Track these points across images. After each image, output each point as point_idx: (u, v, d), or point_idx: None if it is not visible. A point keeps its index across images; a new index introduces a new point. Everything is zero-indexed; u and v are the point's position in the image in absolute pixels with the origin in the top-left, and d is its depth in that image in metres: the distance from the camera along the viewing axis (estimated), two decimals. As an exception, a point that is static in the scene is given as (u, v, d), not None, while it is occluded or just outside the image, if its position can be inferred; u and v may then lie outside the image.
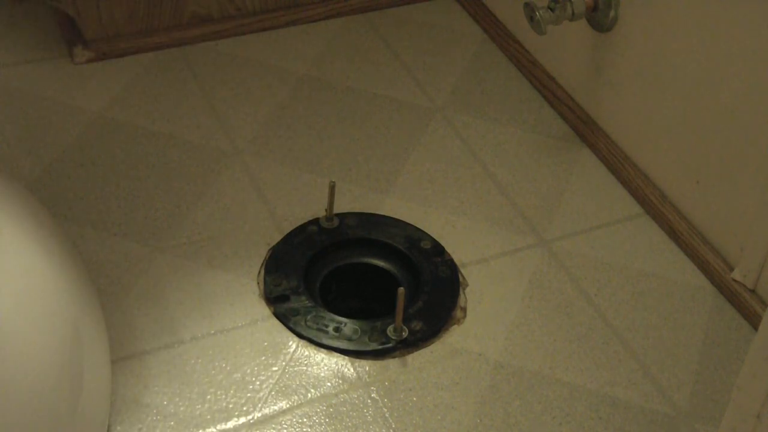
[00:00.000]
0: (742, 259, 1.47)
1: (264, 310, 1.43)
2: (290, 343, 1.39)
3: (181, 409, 1.30)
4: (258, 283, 1.46)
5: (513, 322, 1.44)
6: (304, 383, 1.34)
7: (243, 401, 1.31)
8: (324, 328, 1.40)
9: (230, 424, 1.29)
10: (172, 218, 1.54)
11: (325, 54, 1.89)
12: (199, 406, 1.30)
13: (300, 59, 1.87)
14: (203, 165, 1.64)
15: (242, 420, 1.29)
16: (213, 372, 1.34)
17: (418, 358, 1.38)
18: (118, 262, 1.47)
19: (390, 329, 1.40)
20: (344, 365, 1.37)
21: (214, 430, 1.28)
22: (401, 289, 1.37)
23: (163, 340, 1.37)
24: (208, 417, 1.29)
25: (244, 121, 1.73)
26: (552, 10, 1.62)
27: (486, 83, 1.86)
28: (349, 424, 1.30)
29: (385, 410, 1.32)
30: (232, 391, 1.32)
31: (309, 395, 1.33)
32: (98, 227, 1.52)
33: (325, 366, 1.36)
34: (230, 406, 1.31)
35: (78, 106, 1.73)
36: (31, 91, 1.75)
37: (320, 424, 1.29)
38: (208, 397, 1.31)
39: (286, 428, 1.29)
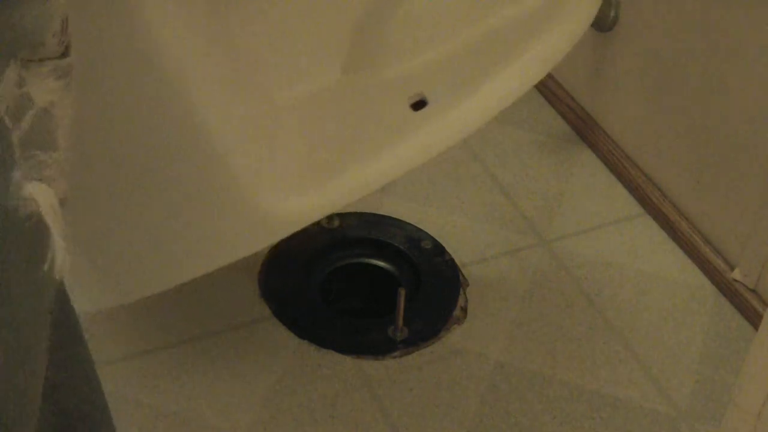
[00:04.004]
0: (742, 259, 1.47)
1: (264, 310, 1.43)
2: (290, 343, 1.39)
3: (182, 409, 1.30)
4: (258, 283, 1.46)
5: (513, 322, 1.44)
6: (304, 383, 1.34)
7: (243, 401, 1.31)
8: (324, 327, 1.40)
9: (231, 424, 1.29)
10: (172, 218, 1.54)
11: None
12: (200, 406, 1.30)
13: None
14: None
15: (243, 420, 1.29)
16: (213, 372, 1.34)
17: (418, 358, 1.38)
18: (118, 262, 1.47)
19: (390, 329, 1.40)
20: (344, 365, 1.37)
21: (214, 430, 1.28)
22: (402, 289, 1.37)
23: (164, 340, 1.37)
24: (209, 417, 1.29)
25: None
26: None
27: (486, 83, 1.85)
28: (350, 424, 1.30)
29: (386, 410, 1.32)
30: (232, 391, 1.32)
31: (309, 395, 1.32)
32: (98, 227, 1.51)
33: (326, 366, 1.36)
34: (231, 405, 1.30)
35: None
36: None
37: (321, 424, 1.29)
38: (209, 396, 1.31)
39: (286, 428, 1.29)
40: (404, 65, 1.16)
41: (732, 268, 1.49)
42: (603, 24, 1.64)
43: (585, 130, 1.74)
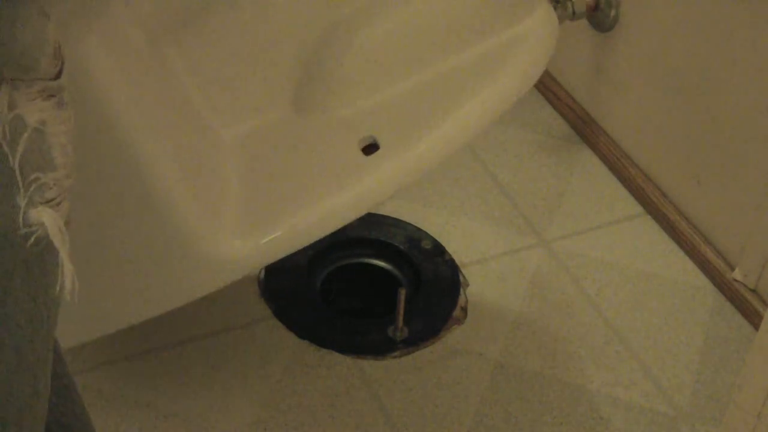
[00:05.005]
0: (742, 259, 1.47)
1: (264, 310, 1.43)
2: (290, 342, 1.39)
3: (182, 409, 1.30)
4: (258, 283, 1.46)
5: (513, 322, 1.44)
6: (304, 383, 1.34)
7: (243, 401, 1.31)
8: (324, 327, 1.40)
9: (231, 424, 1.28)
10: (172, 218, 1.54)
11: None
12: (200, 406, 1.30)
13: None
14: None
15: (243, 420, 1.29)
16: (213, 372, 1.34)
17: (418, 358, 1.38)
18: (118, 262, 1.47)
19: (390, 329, 1.40)
20: (344, 365, 1.37)
21: (214, 430, 1.28)
22: (402, 289, 1.37)
23: (164, 340, 1.37)
24: (209, 417, 1.29)
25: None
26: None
27: (486, 83, 1.85)
28: (350, 423, 1.30)
29: (386, 410, 1.32)
30: (232, 391, 1.32)
31: (309, 395, 1.32)
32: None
33: (325, 366, 1.36)
34: (231, 405, 1.30)
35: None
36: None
37: (321, 424, 1.29)
38: (209, 397, 1.31)
39: (286, 428, 1.29)
40: (355, 106, 1.14)
41: (732, 268, 1.49)
42: (603, 24, 1.64)
43: (585, 130, 1.74)
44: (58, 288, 0.60)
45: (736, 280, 1.48)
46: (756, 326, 1.45)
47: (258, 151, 1.11)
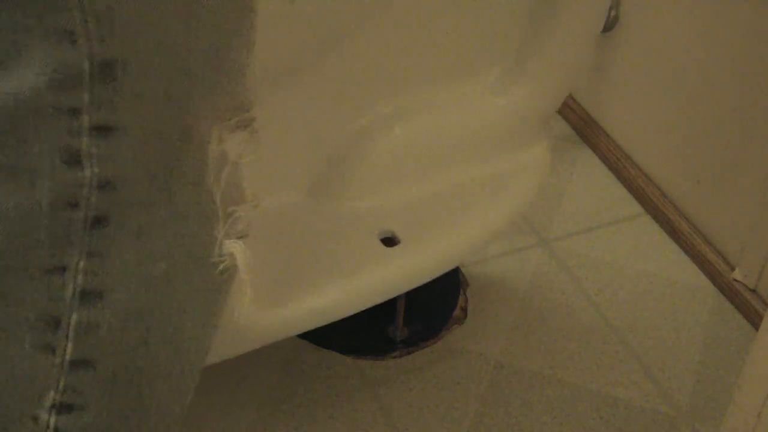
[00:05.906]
0: (742, 259, 1.47)
1: (264, 310, 1.43)
2: (290, 343, 1.39)
3: (181, 409, 1.29)
4: (258, 283, 1.46)
5: (513, 322, 1.44)
6: (304, 383, 1.34)
7: (244, 401, 1.31)
8: (324, 327, 1.40)
9: (231, 424, 1.28)
10: (172, 218, 1.54)
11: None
12: (200, 406, 1.30)
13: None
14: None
15: (243, 420, 1.29)
16: (213, 372, 1.34)
17: (418, 358, 1.38)
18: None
19: (390, 329, 1.40)
20: (344, 365, 1.37)
21: (214, 430, 1.28)
22: (401, 289, 1.37)
23: (163, 340, 1.37)
24: (209, 417, 1.29)
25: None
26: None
27: (486, 83, 1.85)
28: (350, 424, 1.30)
29: (386, 410, 1.32)
30: (232, 391, 1.32)
31: (309, 395, 1.32)
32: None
33: (326, 366, 1.36)
34: (230, 405, 1.30)
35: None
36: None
37: (321, 424, 1.29)
38: (209, 397, 1.31)
39: (286, 428, 1.29)
40: (372, 202, 1.19)
41: (732, 269, 1.49)
42: (604, 24, 1.64)
43: (585, 130, 1.74)
44: (236, 313, 0.65)
45: (736, 280, 1.48)
46: (756, 326, 1.45)
47: (274, 230, 1.14)
